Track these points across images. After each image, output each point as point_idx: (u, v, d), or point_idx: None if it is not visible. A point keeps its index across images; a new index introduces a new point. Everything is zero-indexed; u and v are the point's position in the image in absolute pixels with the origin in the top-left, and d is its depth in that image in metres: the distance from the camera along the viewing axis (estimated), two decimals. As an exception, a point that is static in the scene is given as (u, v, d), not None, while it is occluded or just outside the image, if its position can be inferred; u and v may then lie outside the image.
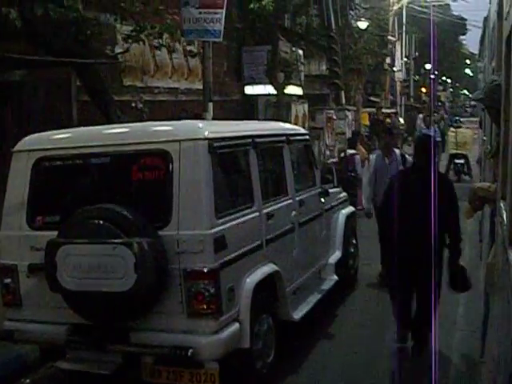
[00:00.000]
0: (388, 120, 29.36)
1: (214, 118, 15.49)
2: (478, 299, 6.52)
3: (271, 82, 16.90)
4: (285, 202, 6.52)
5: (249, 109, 18.34)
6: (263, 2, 10.93)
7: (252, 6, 11.19)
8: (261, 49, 18.10)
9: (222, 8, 9.89)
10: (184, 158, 5.05)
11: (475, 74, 79.35)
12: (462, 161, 19.52)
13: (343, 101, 19.56)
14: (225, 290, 5.06)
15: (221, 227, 5.11)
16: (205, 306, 4.92)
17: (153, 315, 5.08)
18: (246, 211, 5.64)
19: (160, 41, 10.12)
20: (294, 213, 6.65)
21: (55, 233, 5.19)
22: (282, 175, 6.71)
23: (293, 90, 18.67)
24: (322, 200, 7.78)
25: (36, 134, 5.88)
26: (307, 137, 7.77)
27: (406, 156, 9.39)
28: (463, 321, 7.37)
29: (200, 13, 10.03)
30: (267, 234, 5.91)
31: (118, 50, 12.38)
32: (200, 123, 5.70)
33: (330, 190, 8.13)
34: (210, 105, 10.63)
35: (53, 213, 5.53)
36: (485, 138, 12.22)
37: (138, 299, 4.93)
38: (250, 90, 18.87)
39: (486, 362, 5.28)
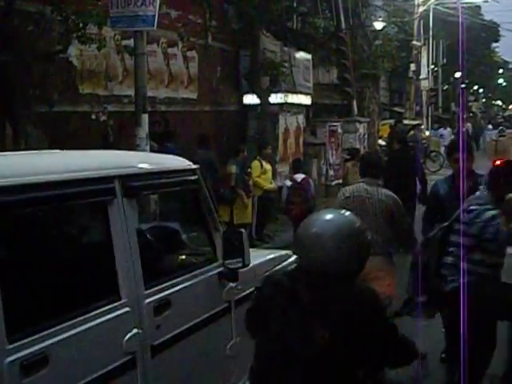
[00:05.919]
0: (411, 133, 26.81)
1: (203, 134, 13.37)
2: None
3: (253, 88, 14.41)
4: (106, 316, 3.38)
5: (245, 122, 15.93)
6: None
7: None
8: (261, 53, 15.74)
9: (156, -15, 7.59)
10: None
11: (509, 84, 76.38)
12: None
13: (355, 111, 17.20)
14: None
15: None
16: None
17: None
18: None
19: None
20: (134, 331, 3.54)
21: None
22: (104, 260, 3.57)
23: (294, 98, 16.10)
24: (230, 286, 4.44)
25: None
26: (192, 176, 4.31)
27: None
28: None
29: (130, -6, 7.75)
30: None
31: (71, 50, 10.44)
32: None
33: (256, 263, 4.69)
34: (145, 117, 8.19)
35: None
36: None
37: None
38: (249, 99, 16.53)
39: None
